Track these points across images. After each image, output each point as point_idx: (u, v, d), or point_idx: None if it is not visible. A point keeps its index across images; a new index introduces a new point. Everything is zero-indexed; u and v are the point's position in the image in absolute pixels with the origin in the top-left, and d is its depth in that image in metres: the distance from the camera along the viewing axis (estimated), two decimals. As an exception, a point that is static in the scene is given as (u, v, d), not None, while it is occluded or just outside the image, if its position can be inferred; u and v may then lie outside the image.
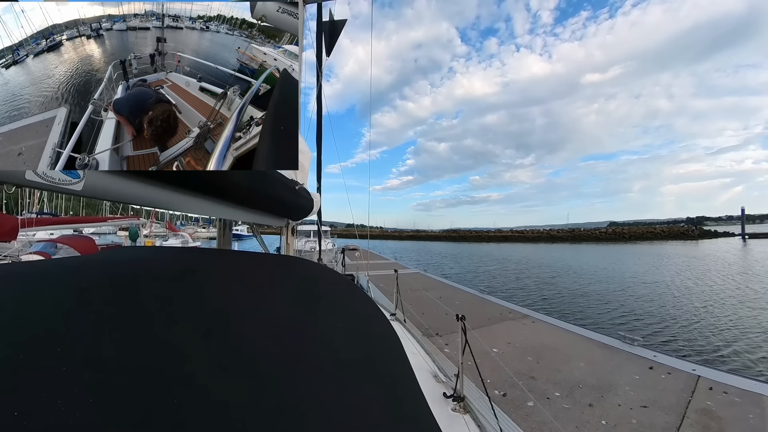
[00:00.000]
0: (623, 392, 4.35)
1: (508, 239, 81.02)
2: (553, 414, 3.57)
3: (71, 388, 0.40)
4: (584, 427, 3.60)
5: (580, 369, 5.06)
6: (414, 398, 0.80)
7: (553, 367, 5.14)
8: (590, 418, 3.77)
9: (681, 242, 57.81)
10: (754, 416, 3.73)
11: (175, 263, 0.90)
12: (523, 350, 5.86)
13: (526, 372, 4.95)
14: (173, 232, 27.05)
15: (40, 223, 11.60)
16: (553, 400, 4.16)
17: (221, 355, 0.58)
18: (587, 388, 4.46)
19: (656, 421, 3.68)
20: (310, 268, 1.20)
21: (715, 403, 4.05)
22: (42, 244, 9.14)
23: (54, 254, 8.39)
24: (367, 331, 0.96)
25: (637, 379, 4.72)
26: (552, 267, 23.91)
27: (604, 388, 4.45)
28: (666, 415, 3.80)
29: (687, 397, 4.18)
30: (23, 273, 0.63)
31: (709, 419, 3.71)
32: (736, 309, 10.93)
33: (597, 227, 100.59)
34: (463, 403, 2.26)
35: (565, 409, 3.96)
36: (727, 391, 4.28)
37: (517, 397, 4.11)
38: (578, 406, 4.01)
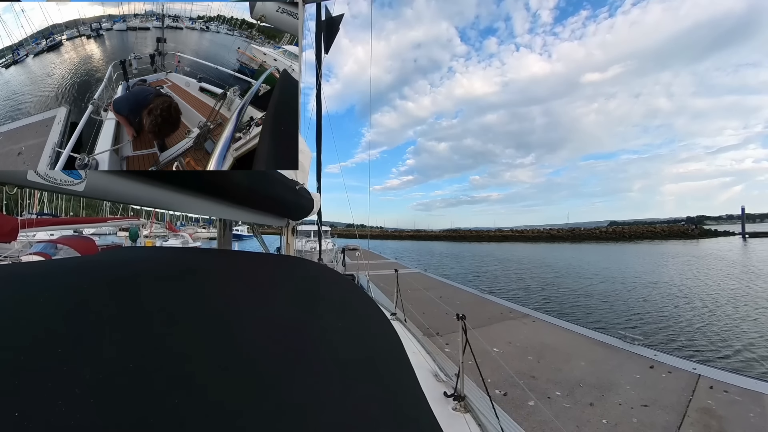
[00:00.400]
0: (624, 391, 4.34)
1: (508, 239, 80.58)
2: (554, 413, 3.56)
3: (72, 389, 0.40)
4: (585, 426, 3.60)
5: (581, 368, 5.06)
6: (415, 398, 0.80)
7: (553, 366, 5.14)
8: (591, 417, 3.76)
9: (681, 241, 57.63)
10: (754, 415, 3.73)
11: (175, 263, 0.90)
12: (523, 350, 5.86)
13: (527, 371, 4.95)
14: (173, 232, 27.06)
15: (40, 224, 11.59)
16: (554, 400, 4.15)
17: (221, 356, 0.57)
18: (588, 388, 4.46)
19: (657, 420, 3.67)
20: (311, 268, 1.20)
21: (716, 401, 4.05)
22: (42, 244, 9.11)
23: (54, 255, 8.38)
24: (368, 330, 0.96)
25: (637, 378, 4.72)
26: (554, 267, 23.51)
27: (605, 388, 4.44)
28: (667, 414, 3.80)
29: (688, 396, 4.18)
30: (23, 274, 0.63)
31: (710, 418, 3.71)
32: (747, 310, 10.71)
33: (597, 227, 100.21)
34: (463, 402, 2.25)
35: (565, 408, 3.96)
36: (728, 390, 4.28)
37: (518, 397, 4.11)
38: (579, 406, 4.01)
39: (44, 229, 11.38)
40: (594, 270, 21.40)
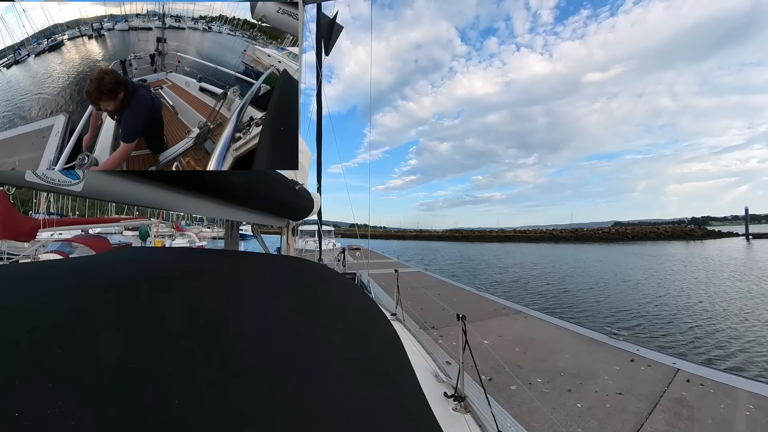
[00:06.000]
0: (602, 381, 4.47)
1: (511, 239, 78.99)
2: (533, 397, 3.72)
3: (72, 389, 0.39)
4: (560, 408, 3.78)
5: (564, 360, 5.19)
6: (415, 398, 0.79)
7: (539, 357, 5.29)
8: (567, 401, 3.95)
9: (685, 242, 56.87)
10: (725, 406, 3.84)
11: (176, 264, 0.87)
12: (512, 342, 5.99)
13: (513, 361, 5.10)
14: (180, 231, 27.35)
15: (60, 224, 11.99)
16: (535, 386, 4.33)
17: (222, 355, 0.56)
18: (568, 376, 4.61)
19: (629, 407, 3.81)
20: (311, 268, 1.18)
21: (690, 393, 4.15)
22: (59, 243, 9.34)
23: (71, 253, 8.56)
24: (368, 331, 0.94)
25: (617, 370, 4.83)
26: (573, 273, 20.26)
27: (584, 377, 4.57)
28: (639, 401, 3.93)
29: (663, 387, 4.28)
30: (27, 274, 0.62)
31: (681, 407, 3.82)
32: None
33: (601, 227, 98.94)
34: (464, 402, 2.22)
35: (544, 393, 4.14)
36: (704, 384, 4.38)
37: (502, 382, 4.28)
38: (557, 391, 4.19)
39: (53, 229, 11.69)
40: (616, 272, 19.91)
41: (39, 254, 8.72)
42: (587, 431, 3.45)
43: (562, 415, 3.70)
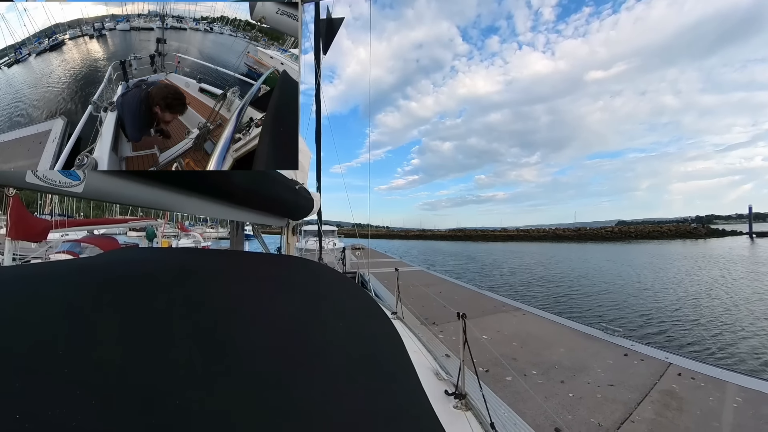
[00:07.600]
0: (594, 373, 4.55)
1: (513, 238, 78.19)
2: (527, 387, 3.84)
3: (72, 390, 0.39)
4: (553, 398, 3.89)
5: (559, 354, 5.27)
6: (416, 396, 0.78)
7: (534, 351, 5.38)
8: (559, 391, 4.06)
9: (689, 241, 56.22)
10: (714, 399, 3.90)
11: (177, 264, 0.87)
12: (510, 337, 6.07)
13: (510, 354, 5.20)
14: (184, 232, 27.56)
15: (72, 225, 12.12)
16: (530, 377, 4.44)
17: (222, 355, 0.56)
18: (562, 369, 4.70)
19: (619, 397, 3.90)
20: (312, 268, 1.17)
21: (680, 386, 4.21)
22: (69, 244, 9.43)
23: (81, 253, 8.63)
24: (369, 329, 0.94)
25: (610, 363, 4.91)
26: (587, 275, 19.22)
27: (578, 370, 4.66)
28: (630, 393, 4.01)
29: (654, 380, 4.35)
30: (27, 275, 0.62)
31: (671, 399, 3.89)
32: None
33: (605, 226, 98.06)
34: (464, 400, 2.21)
35: (538, 383, 4.25)
36: (695, 377, 4.44)
37: (498, 373, 4.38)
38: (551, 382, 4.30)
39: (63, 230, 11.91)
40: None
41: (50, 255, 8.82)
42: (577, 418, 3.56)
43: (554, 404, 3.81)
